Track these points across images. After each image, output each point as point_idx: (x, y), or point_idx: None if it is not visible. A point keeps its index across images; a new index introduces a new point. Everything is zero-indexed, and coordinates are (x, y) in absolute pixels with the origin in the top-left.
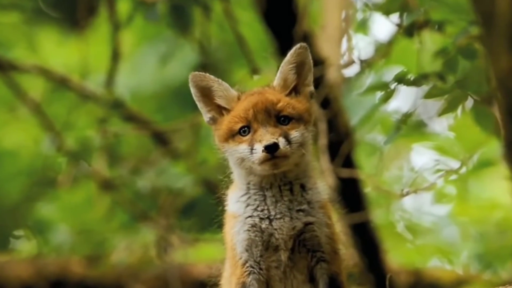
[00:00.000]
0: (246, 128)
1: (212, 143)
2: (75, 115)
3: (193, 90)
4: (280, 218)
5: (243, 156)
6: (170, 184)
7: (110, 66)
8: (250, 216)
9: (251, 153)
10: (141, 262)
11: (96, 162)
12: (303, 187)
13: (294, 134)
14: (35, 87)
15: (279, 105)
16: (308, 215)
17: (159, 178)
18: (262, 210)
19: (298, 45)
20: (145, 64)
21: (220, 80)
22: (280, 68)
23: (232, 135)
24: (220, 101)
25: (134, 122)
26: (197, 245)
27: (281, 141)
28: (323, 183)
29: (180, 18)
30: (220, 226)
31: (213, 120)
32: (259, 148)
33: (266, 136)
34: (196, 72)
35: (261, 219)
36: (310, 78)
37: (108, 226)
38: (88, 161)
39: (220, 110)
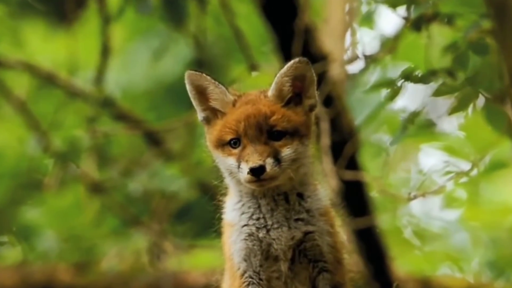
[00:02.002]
0: (236, 141)
1: (203, 144)
2: (62, 113)
3: (188, 87)
4: (277, 228)
5: (231, 170)
6: (163, 187)
7: (100, 62)
8: (246, 225)
9: (238, 170)
10: (132, 270)
11: (85, 163)
12: (300, 195)
13: (286, 151)
14: (20, 84)
15: (273, 118)
16: (308, 224)
17: (151, 181)
18: (258, 219)
19: (297, 59)
20: (137, 59)
21: (217, 83)
22: (275, 78)
23: (222, 145)
24: (215, 104)
25: (125, 121)
26: (192, 252)
27: (269, 163)
28: (324, 188)
29: (173, 11)
30: (217, 234)
31: (207, 120)
32: (245, 168)
33: (253, 156)
34: (193, 72)
35: (258, 228)
36: (312, 91)
37: (97, 231)
38: (77, 163)
39: (215, 111)
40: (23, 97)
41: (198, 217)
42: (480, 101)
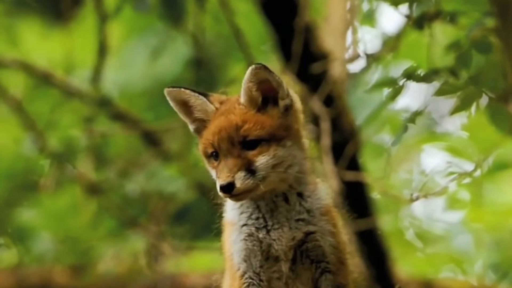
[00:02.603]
0: (216, 153)
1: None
2: (59, 113)
3: (171, 104)
4: (278, 228)
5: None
6: (161, 188)
7: (97, 61)
8: (245, 225)
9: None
10: (130, 272)
11: (82, 164)
12: (300, 195)
13: (261, 160)
14: (16, 83)
15: (244, 128)
16: (309, 224)
17: (149, 182)
18: (257, 219)
19: (253, 66)
20: (134, 58)
21: (196, 94)
22: (242, 85)
23: (207, 157)
24: (200, 115)
25: (123, 121)
26: (190, 254)
27: (239, 177)
28: (324, 186)
29: (172, 9)
30: (217, 233)
31: (197, 132)
32: (217, 185)
33: (223, 173)
34: (171, 88)
35: (257, 228)
36: (283, 92)
37: (94, 233)
38: (73, 163)
39: (203, 121)
40: (18, 96)
41: (197, 219)
42: (484, 100)
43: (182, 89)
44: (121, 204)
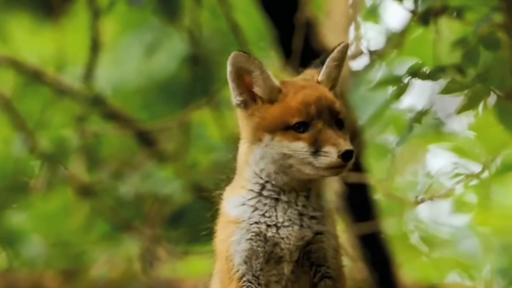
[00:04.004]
0: (301, 125)
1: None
2: (50, 112)
3: (230, 69)
4: (288, 226)
5: (297, 155)
6: (157, 189)
7: (90, 58)
8: (256, 222)
9: (316, 154)
10: (124, 277)
11: (74, 165)
12: (318, 194)
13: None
14: (5, 81)
15: (337, 105)
16: (320, 223)
17: (144, 183)
18: (270, 216)
19: (344, 43)
20: (128, 55)
21: (264, 67)
22: (326, 62)
23: (284, 128)
24: (258, 90)
25: (116, 120)
26: (186, 258)
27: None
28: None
29: (167, 4)
30: (210, 234)
31: (244, 104)
32: (333, 152)
33: (340, 140)
34: (240, 52)
35: (268, 226)
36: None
37: (87, 237)
38: (65, 164)
39: (254, 95)
40: (8, 95)
41: (193, 222)
42: (491, 98)
43: (253, 58)
44: (114, 207)
